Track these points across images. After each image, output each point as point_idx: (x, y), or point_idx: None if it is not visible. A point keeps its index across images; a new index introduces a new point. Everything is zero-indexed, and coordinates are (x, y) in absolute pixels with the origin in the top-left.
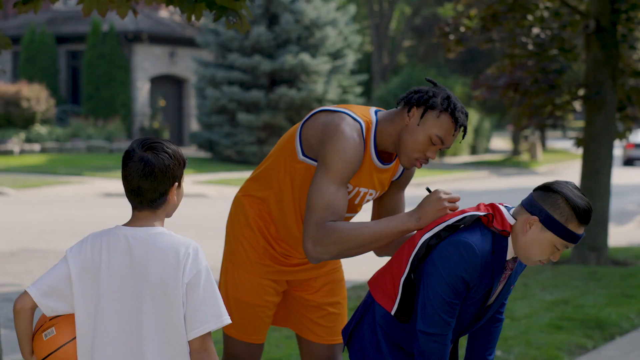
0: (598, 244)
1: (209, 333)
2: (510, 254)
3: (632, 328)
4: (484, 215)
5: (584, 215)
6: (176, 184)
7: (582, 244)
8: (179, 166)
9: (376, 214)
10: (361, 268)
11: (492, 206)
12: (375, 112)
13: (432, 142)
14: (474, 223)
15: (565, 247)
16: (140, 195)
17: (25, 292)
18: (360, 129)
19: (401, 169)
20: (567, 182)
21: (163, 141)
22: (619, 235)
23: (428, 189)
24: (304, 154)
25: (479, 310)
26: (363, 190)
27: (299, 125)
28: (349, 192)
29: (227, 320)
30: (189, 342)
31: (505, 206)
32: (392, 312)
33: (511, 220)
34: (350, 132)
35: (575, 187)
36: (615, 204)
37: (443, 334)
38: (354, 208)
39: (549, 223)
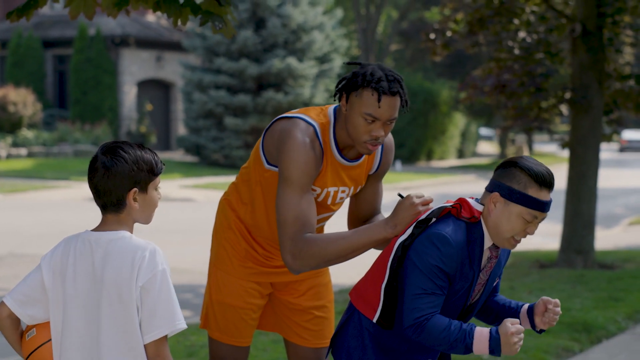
0: (585, 247)
1: (164, 338)
2: (488, 242)
3: (619, 331)
4: (452, 207)
5: (540, 177)
6: (135, 189)
7: (569, 247)
8: (138, 171)
9: (353, 205)
10: (349, 272)
11: (459, 199)
12: (335, 110)
13: (367, 121)
14: (445, 216)
15: (534, 217)
16: (98, 197)
17: (2, 302)
18: (314, 132)
19: (377, 162)
20: (523, 156)
21: (124, 145)
22: (606, 239)
23: (400, 195)
24: (268, 163)
25: (464, 306)
26: (333, 189)
27: (262, 134)
28: (318, 195)
29: (181, 325)
30: (144, 346)
31: (476, 199)
32: (374, 320)
33: (479, 208)
34: (302, 137)
35: (533, 159)
36: (603, 207)
37: (429, 314)
38: (328, 208)
39: (509, 194)
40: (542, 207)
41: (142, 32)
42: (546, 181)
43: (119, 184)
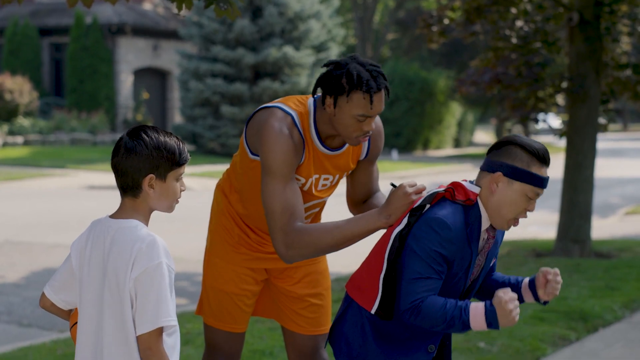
0: (581, 236)
1: (157, 332)
2: (486, 223)
3: (615, 320)
4: (445, 191)
5: (542, 155)
6: (152, 175)
7: (565, 237)
8: (158, 157)
9: (350, 188)
10: (345, 260)
11: (453, 183)
12: (314, 100)
13: (359, 120)
14: (440, 200)
15: (536, 194)
16: (117, 177)
17: (43, 292)
18: (291, 120)
19: (365, 148)
20: (516, 134)
21: (150, 129)
22: (602, 228)
23: (393, 185)
24: (252, 153)
25: (463, 288)
26: (315, 177)
27: (245, 124)
28: (303, 185)
29: (165, 322)
30: (137, 338)
31: (470, 181)
32: (373, 311)
33: (475, 189)
34: (279, 126)
35: (526, 137)
36: (599, 197)
37: (425, 297)
38: (313, 196)
39: (513, 173)
40: (544, 183)
41: (139, 21)
42: (546, 158)
43: (136, 167)
